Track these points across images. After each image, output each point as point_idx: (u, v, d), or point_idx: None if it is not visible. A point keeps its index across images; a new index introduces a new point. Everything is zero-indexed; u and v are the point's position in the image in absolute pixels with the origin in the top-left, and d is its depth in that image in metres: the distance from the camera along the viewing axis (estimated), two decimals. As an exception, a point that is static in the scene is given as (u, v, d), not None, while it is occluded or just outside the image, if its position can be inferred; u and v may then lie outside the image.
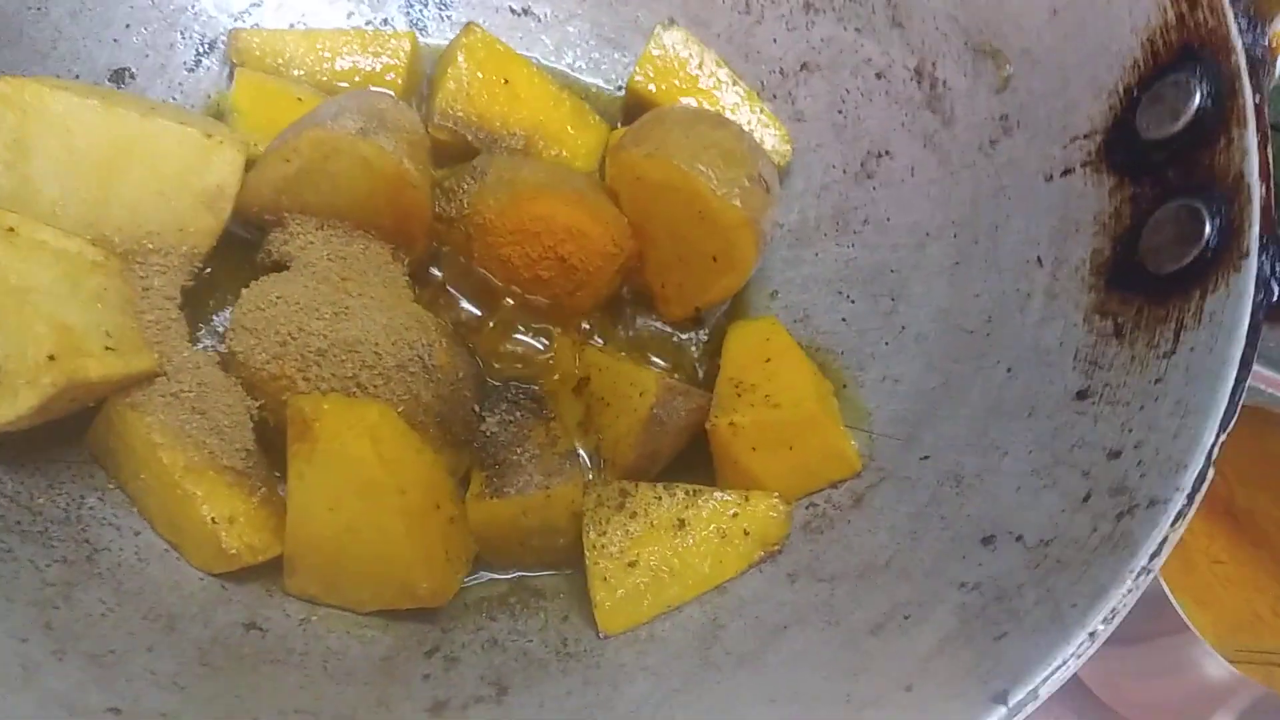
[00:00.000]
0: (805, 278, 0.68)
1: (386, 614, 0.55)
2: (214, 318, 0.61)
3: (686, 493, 0.57)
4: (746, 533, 0.57)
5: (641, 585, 0.55)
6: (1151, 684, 0.64)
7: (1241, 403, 0.48)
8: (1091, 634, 0.42)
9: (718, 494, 0.57)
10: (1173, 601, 0.59)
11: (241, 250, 0.61)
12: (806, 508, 0.59)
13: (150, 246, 0.59)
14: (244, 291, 0.57)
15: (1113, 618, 0.42)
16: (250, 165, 0.60)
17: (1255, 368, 0.82)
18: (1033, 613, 0.45)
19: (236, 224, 0.60)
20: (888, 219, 0.67)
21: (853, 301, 0.66)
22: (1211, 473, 0.45)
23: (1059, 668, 0.41)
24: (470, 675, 0.52)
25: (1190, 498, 0.44)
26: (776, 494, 0.58)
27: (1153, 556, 0.43)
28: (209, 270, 0.61)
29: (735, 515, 0.57)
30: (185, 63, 0.68)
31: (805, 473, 0.59)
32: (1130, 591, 0.43)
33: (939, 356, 0.61)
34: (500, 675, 0.53)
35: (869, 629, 0.50)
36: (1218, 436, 0.46)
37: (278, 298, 0.56)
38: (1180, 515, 0.44)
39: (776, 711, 0.47)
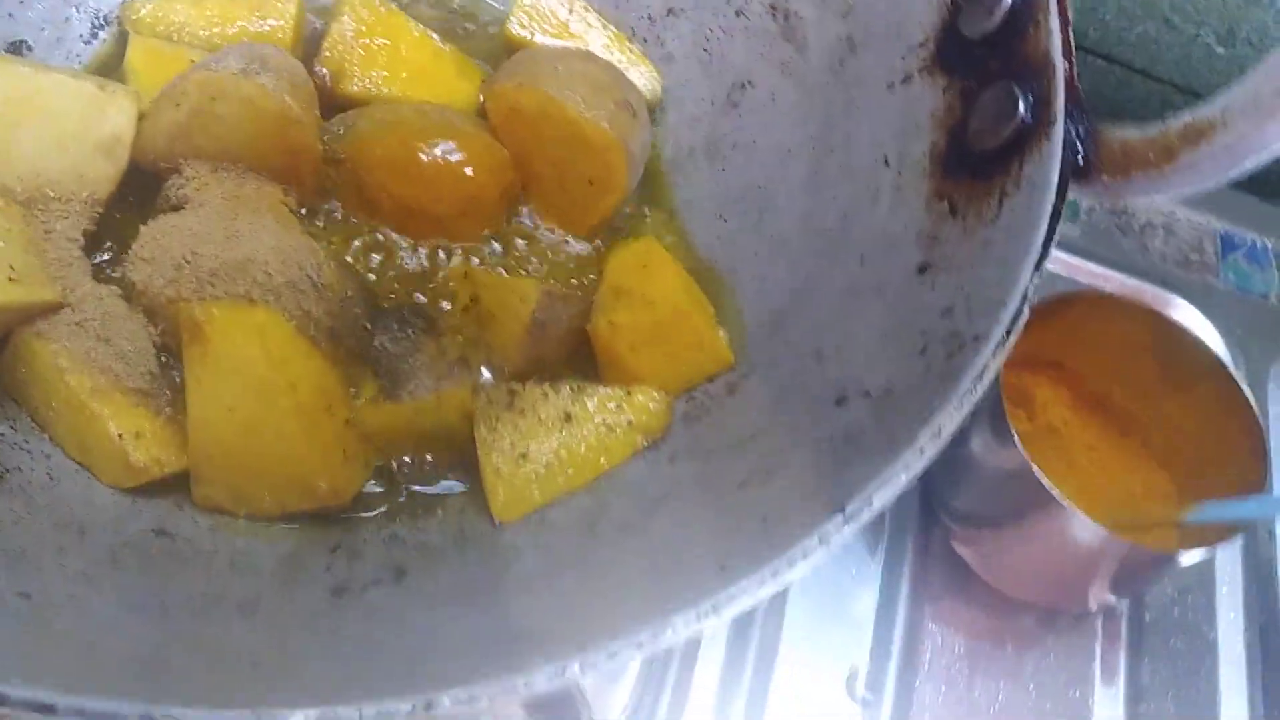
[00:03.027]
0: (682, 202, 0.73)
1: (293, 519, 0.57)
2: (119, 260, 0.63)
3: (572, 389, 0.61)
4: (630, 424, 0.60)
5: (532, 475, 0.58)
6: (1032, 558, 0.69)
7: (1098, 285, 0.52)
8: (921, 450, 0.46)
9: (602, 389, 0.61)
10: (1040, 477, 0.63)
11: (144, 197, 0.64)
12: (686, 401, 0.63)
13: (51, 194, 0.62)
14: (143, 229, 0.60)
15: (939, 434, 0.46)
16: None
17: (1117, 273, 0.88)
18: (874, 445, 0.49)
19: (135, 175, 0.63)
20: (754, 142, 0.72)
21: (726, 220, 0.71)
22: (1027, 310, 0.50)
23: (890, 479, 0.45)
24: (371, 565, 0.56)
25: (1008, 330, 0.49)
26: (658, 387, 0.62)
27: (976, 380, 0.48)
28: (117, 216, 0.64)
29: (619, 408, 0.61)
30: (81, 35, 0.71)
31: (684, 366, 0.63)
32: (956, 411, 0.47)
33: (802, 256, 0.66)
34: (399, 563, 0.56)
35: (736, 485, 0.54)
36: (1032, 278, 0.50)
37: (174, 228, 0.59)
38: (999, 345, 0.49)
39: (652, 560, 0.51)
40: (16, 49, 0.69)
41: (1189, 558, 0.62)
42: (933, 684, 0.67)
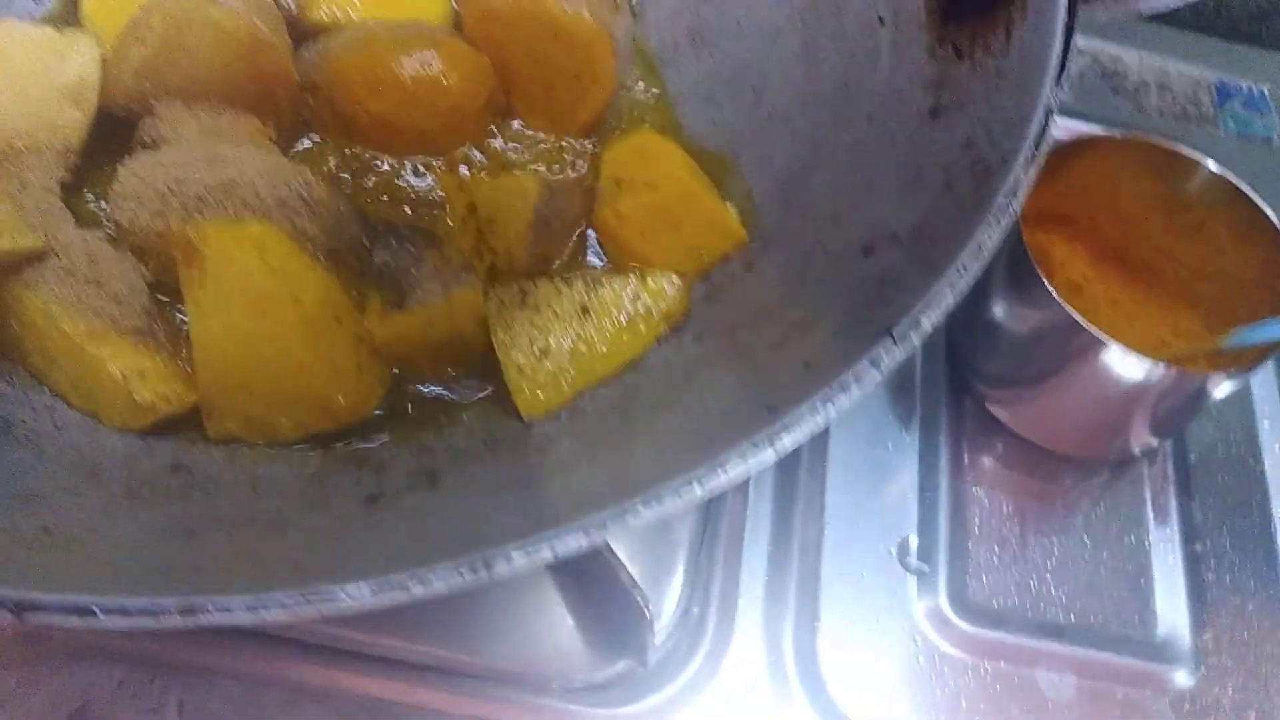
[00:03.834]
0: (674, 94, 0.70)
1: (313, 441, 0.55)
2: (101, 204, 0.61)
3: (585, 282, 0.58)
4: (649, 310, 0.58)
5: (555, 370, 0.56)
6: (1071, 407, 0.67)
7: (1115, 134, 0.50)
8: (963, 267, 0.44)
9: (617, 278, 0.59)
10: (1079, 318, 0.61)
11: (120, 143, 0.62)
12: (704, 282, 0.61)
13: (21, 146, 0.59)
14: (120, 168, 0.58)
15: (979, 252, 0.44)
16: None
17: (1112, 131, 0.86)
18: (913, 279, 0.47)
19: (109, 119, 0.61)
20: (738, 25, 0.70)
21: (720, 106, 0.69)
22: (1053, 122, 0.48)
23: (934, 298, 0.43)
24: (401, 474, 0.54)
25: (1036, 143, 0.47)
26: (673, 272, 0.60)
27: (1010, 195, 0.46)
28: (94, 163, 0.61)
29: (635, 296, 0.59)
30: (33, -5, 0.69)
31: (697, 247, 0.61)
32: (994, 226, 0.45)
33: (805, 127, 0.64)
34: (431, 469, 0.54)
35: (770, 348, 0.52)
36: (1054, 89, 0.48)
37: (155, 163, 0.57)
38: (1030, 159, 0.47)
39: (693, 423, 0.49)
40: (-36, 13, 0.67)
41: (1227, 386, 0.61)
42: (985, 547, 0.66)
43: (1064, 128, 0.85)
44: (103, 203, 0.61)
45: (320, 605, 0.34)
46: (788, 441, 0.40)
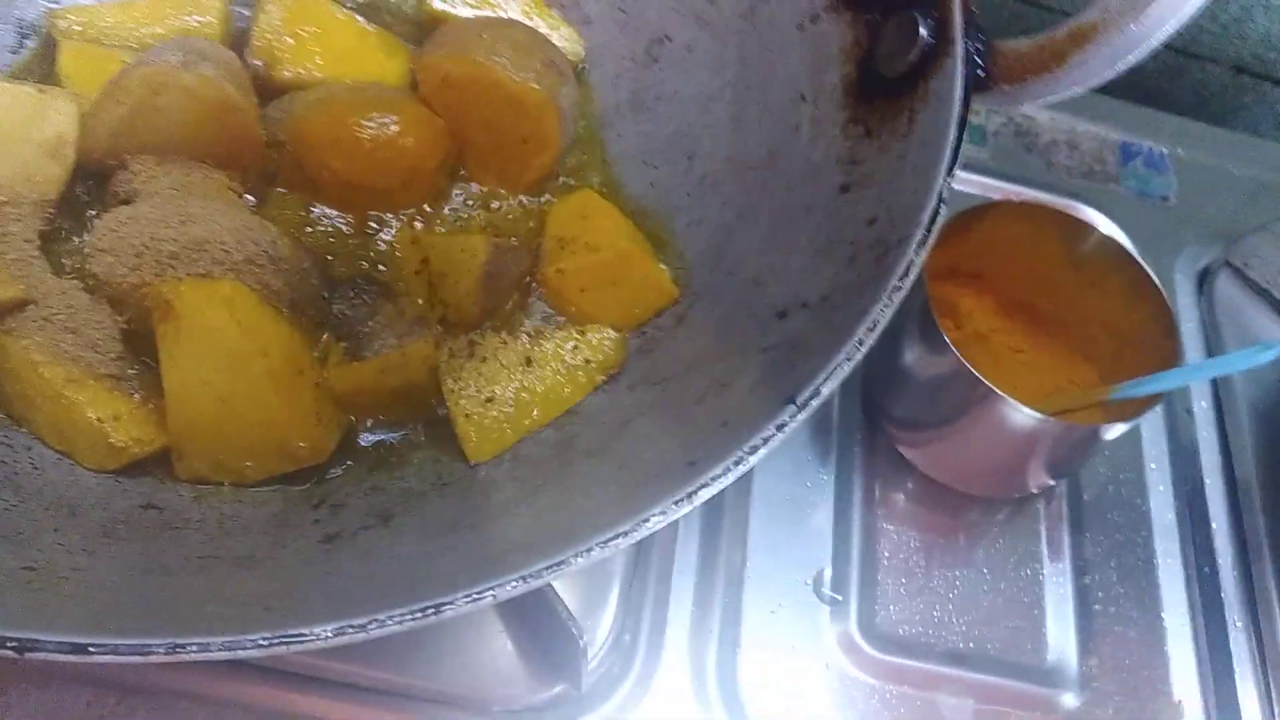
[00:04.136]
0: (614, 155, 0.76)
1: (273, 482, 0.60)
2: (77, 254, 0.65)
3: (529, 334, 0.64)
4: (588, 361, 0.64)
5: (500, 416, 0.62)
6: (973, 450, 0.74)
7: (1011, 198, 0.57)
8: (859, 342, 0.50)
9: (559, 332, 0.64)
10: (974, 372, 0.67)
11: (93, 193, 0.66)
12: (639, 335, 0.67)
13: (2, 199, 0.63)
14: (97, 223, 0.62)
15: (874, 328, 0.50)
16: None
17: (1021, 189, 0.93)
18: (818, 346, 0.53)
19: (84, 173, 0.65)
20: (676, 93, 0.76)
21: (656, 167, 0.74)
22: (944, 209, 0.54)
23: (834, 370, 0.49)
24: (356, 514, 0.58)
25: (928, 228, 0.53)
26: (610, 326, 0.65)
27: (902, 276, 0.52)
28: (69, 216, 0.65)
29: (575, 348, 0.64)
30: (8, 45, 0.73)
31: (632, 304, 0.66)
32: (886, 306, 0.51)
33: (732, 194, 0.70)
34: (384, 509, 0.59)
35: (694, 401, 0.57)
36: (945, 178, 0.54)
37: (129, 218, 0.61)
38: (921, 243, 0.53)
39: (623, 474, 0.54)
40: (-55, 66, 0.71)
41: (1115, 431, 0.67)
42: (894, 578, 0.72)
43: (979, 183, 0.92)
44: (79, 246, 0.65)
45: (290, 645, 0.39)
46: (704, 495, 0.45)
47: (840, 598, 0.71)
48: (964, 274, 0.79)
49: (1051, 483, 0.76)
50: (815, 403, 0.48)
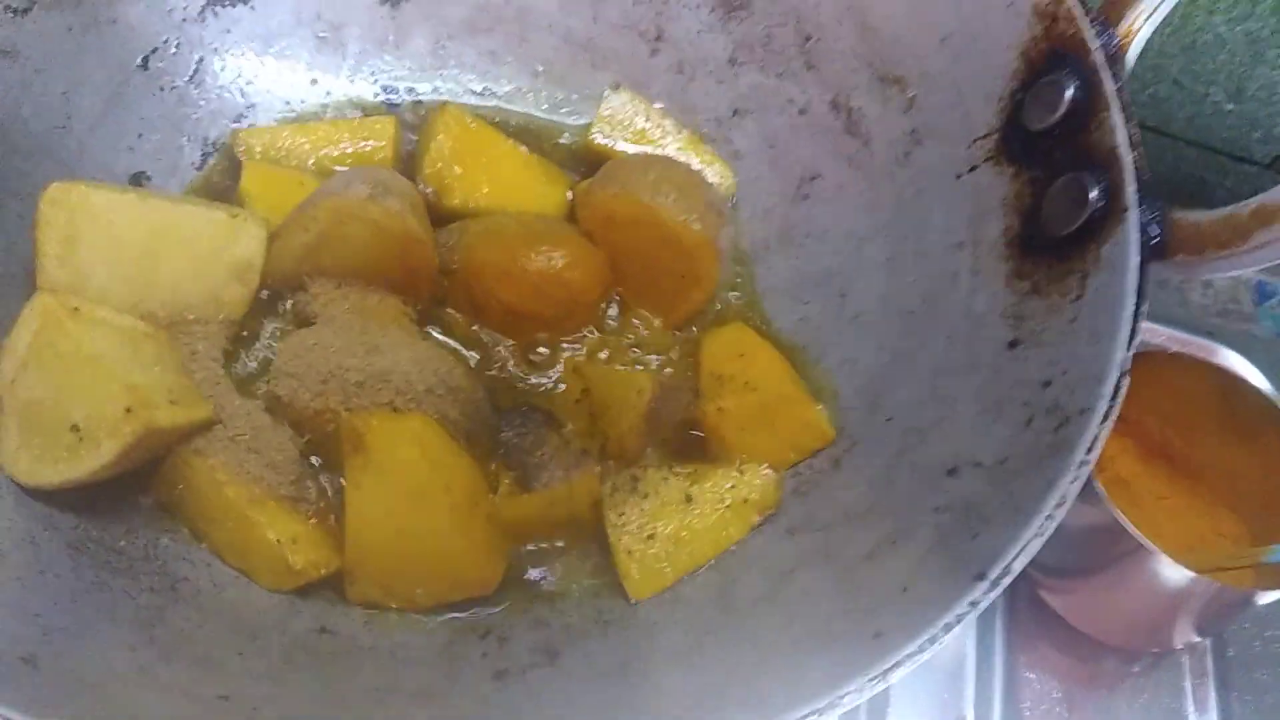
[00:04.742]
0: (764, 289, 0.77)
1: (441, 608, 0.61)
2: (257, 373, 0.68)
3: (690, 472, 0.65)
4: (745, 500, 0.65)
5: (661, 554, 0.63)
6: (1120, 603, 0.73)
7: (1150, 340, 0.57)
8: (1049, 517, 0.50)
9: (717, 470, 0.65)
10: (1128, 526, 0.67)
11: (271, 313, 0.69)
12: (793, 476, 0.67)
13: (190, 317, 0.66)
14: (280, 346, 0.65)
15: (1063, 503, 0.51)
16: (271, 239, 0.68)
17: (1164, 328, 0.93)
18: (999, 514, 0.53)
19: (263, 290, 0.68)
20: (826, 230, 0.77)
21: (806, 303, 0.76)
22: (1126, 380, 0.55)
23: (1025, 546, 0.50)
24: (522, 648, 0.59)
25: (1112, 400, 0.54)
26: (767, 465, 0.66)
27: (1089, 450, 0.52)
28: (244, 333, 0.68)
29: (734, 487, 0.65)
30: (193, 162, 0.77)
31: (788, 445, 0.67)
32: (1075, 481, 0.51)
33: (887, 336, 0.71)
34: (549, 645, 0.60)
35: (863, 558, 0.58)
36: (1127, 351, 0.55)
37: (314, 344, 0.64)
38: (1106, 415, 0.53)
39: (795, 631, 0.55)
40: (137, 180, 0.75)
41: (1271, 597, 0.66)
42: (1037, 730, 0.71)
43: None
44: (258, 366, 0.68)
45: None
46: (899, 673, 0.46)
47: (983, 747, 0.70)
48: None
49: (1197, 639, 0.75)
50: (1006, 580, 0.49)
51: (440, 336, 0.71)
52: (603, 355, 0.72)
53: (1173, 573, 0.66)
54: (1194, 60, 0.99)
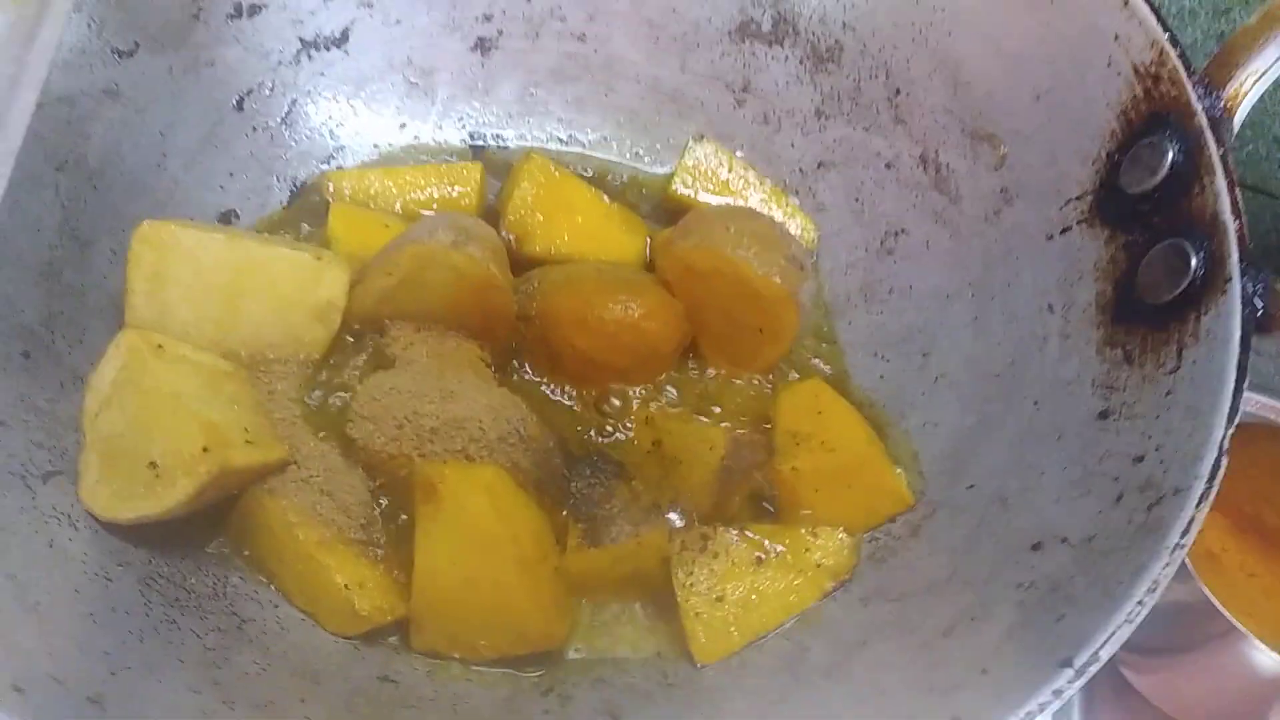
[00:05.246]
0: (845, 343, 0.76)
1: (503, 661, 0.60)
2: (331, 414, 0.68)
3: (761, 532, 0.63)
4: (819, 565, 0.63)
5: (730, 618, 0.61)
6: (1208, 687, 0.69)
7: (1242, 408, 0.55)
8: (1139, 603, 0.48)
9: (791, 532, 0.64)
10: (1219, 607, 0.64)
11: (349, 354, 0.69)
12: (870, 541, 0.66)
13: (271, 356, 0.67)
14: (358, 388, 0.65)
15: (1155, 589, 0.48)
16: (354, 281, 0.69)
17: (1258, 395, 0.89)
18: (1086, 595, 0.51)
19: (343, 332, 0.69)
20: (910, 287, 0.76)
21: (888, 360, 0.74)
22: (1225, 460, 0.52)
23: (1114, 634, 0.47)
24: (585, 709, 0.58)
25: (1209, 482, 0.51)
26: (842, 528, 0.64)
27: (1183, 534, 0.50)
28: (323, 374, 0.69)
29: (807, 550, 0.63)
30: (281, 201, 0.78)
31: (864, 509, 0.66)
32: (1168, 565, 0.49)
33: (972, 399, 0.69)
34: (611, 707, 0.58)
35: (941, 633, 0.56)
36: (1226, 430, 0.53)
37: (391, 388, 0.64)
38: (1203, 497, 0.51)
39: (868, 707, 0.53)
40: (227, 218, 0.76)
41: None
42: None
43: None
44: (331, 406, 0.68)
45: None
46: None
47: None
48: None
49: (1289, 728, 0.71)
50: (1094, 669, 0.47)
51: (516, 381, 0.70)
52: (676, 408, 0.71)
53: (1265, 658, 0.63)
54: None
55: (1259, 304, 0.57)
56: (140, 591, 0.57)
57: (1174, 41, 0.60)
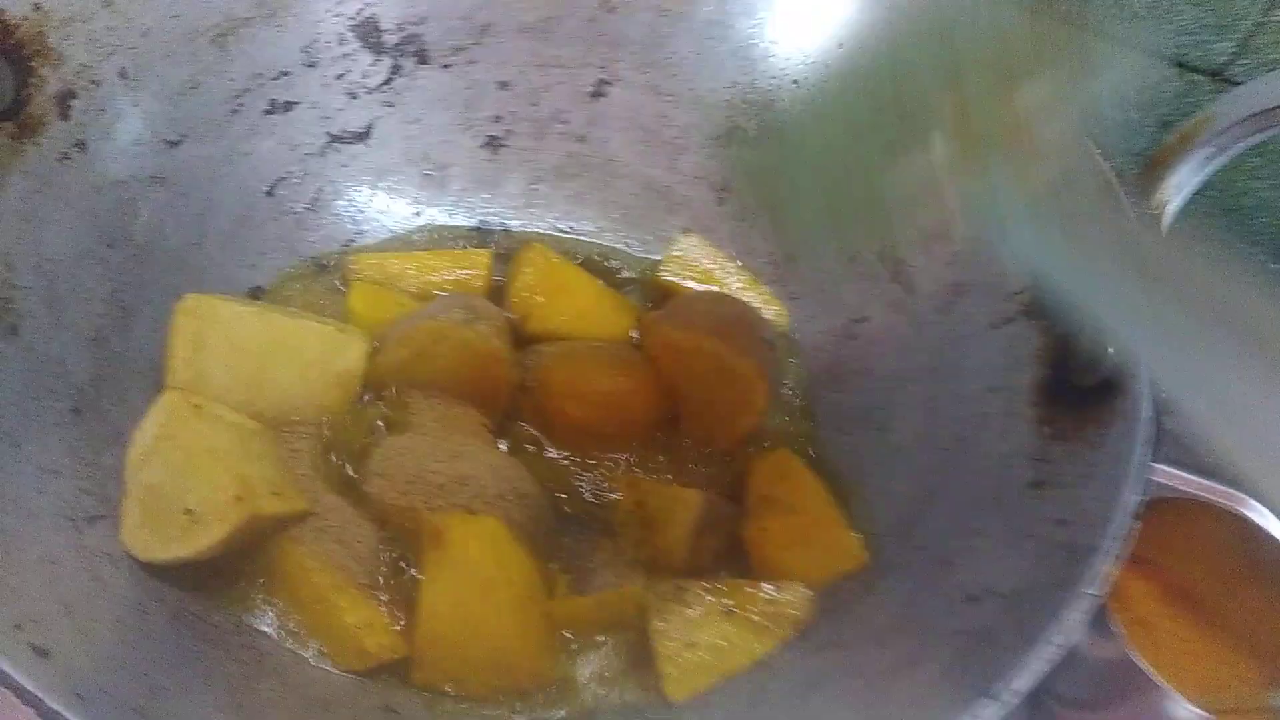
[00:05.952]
0: (811, 419, 0.84)
1: (494, 695, 0.67)
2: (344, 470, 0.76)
3: (732, 587, 0.70)
4: (782, 616, 0.70)
5: (700, 662, 0.68)
6: (1133, 743, 0.76)
7: (1184, 488, 0.62)
8: (1053, 643, 0.55)
9: (759, 587, 0.71)
10: (1142, 665, 0.71)
11: (366, 417, 0.77)
12: (828, 596, 0.73)
13: (295, 419, 0.75)
14: (374, 448, 0.73)
15: (1066, 632, 0.56)
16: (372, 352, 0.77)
17: (1187, 474, 0.97)
18: (1011, 640, 0.58)
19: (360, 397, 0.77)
20: (871, 369, 0.84)
21: (850, 434, 0.82)
22: (1136, 524, 0.60)
23: (1031, 668, 0.54)
24: (568, 739, 0.65)
25: (1118, 541, 0.59)
26: (803, 584, 0.71)
27: (1093, 584, 0.57)
28: (340, 435, 0.76)
29: (771, 602, 0.70)
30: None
31: (824, 566, 0.72)
32: (1078, 613, 0.56)
33: (922, 471, 0.76)
34: (592, 736, 0.65)
35: (884, 674, 0.63)
36: (1138, 495, 0.60)
37: (403, 449, 0.71)
38: (1115, 556, 0.59)
39: (818, 736, 0.60)
40: (255, 293, 0.84)
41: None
42: None
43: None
44: (343, 464, 0.75)
45: None
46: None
47: None
48: (1135, 559, 0.83)
49: (1217, 779, 0.77)
50: (1008, 697, 0.54)
51: (515, 444, 0.78)
52: (658, 473, 0.79)
53: (1185, 713, 0.70)
54: (1237, 223, 1.04)
55: (1168, 389, 0.65)
56: (171, 624, 0.64)
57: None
